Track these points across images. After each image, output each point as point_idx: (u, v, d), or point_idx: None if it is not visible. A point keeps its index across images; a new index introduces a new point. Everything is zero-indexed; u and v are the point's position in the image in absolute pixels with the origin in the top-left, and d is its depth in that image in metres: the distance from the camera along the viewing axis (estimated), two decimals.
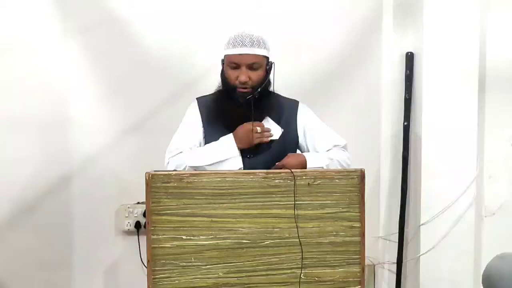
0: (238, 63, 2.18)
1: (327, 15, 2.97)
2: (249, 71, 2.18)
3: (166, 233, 1.91)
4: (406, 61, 2.97)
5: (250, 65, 2.18)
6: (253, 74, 2.18)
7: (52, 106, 2.78)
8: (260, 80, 2.20)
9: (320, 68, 2.95)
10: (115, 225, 2.88)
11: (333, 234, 1.98)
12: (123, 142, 2.85)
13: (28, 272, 2.80)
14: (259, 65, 2.20)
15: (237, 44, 2.18)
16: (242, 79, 2.17)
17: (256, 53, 2.18)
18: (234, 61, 2.19)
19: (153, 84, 2.85)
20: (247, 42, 2.17)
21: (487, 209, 2.94)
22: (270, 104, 2.25)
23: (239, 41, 2.18)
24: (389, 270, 3.08)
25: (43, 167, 2.79)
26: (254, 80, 2.18)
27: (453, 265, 2.82)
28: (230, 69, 2.21)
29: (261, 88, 2.19)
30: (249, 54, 2.18)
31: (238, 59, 2.18)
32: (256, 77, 2.19)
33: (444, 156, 2.85)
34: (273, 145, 2.22)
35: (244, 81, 2.17)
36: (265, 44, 2.22)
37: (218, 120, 2.23)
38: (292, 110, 2.31)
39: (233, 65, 2.20)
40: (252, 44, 2.18)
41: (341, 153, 2.27)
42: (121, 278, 2.88)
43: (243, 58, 2.18)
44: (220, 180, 1.93)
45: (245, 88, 2.18)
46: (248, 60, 2.18)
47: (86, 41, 2.81)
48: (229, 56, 2.20)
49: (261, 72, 2.21)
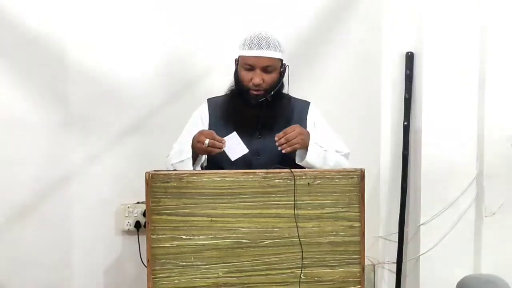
0: (253, 65, 2.17)
1: (327, 15, 2.97)
2: (264, 73, 2.17)
3: (166, 233, 1.91)
4: (406, 61, 2.97)
5: (265, 67, 2.17)
6: (267, 76, 2.17)
7: (52, 106, 2.79)
8: (274, 83, 2.19)
9: (318, 69, 2.95)
10: (115, 225, 2.88)
11: (333, 234, 1.98)
12: (123, 142, 2.85)
13: (28, 272, 2.80)
14: (274, 68, 2.19)
15: (254, 46, 2.16)
16: (256, 82, 2.16)
17: (272, 56, 2.18)
18: (249, 62, 2.18)
19: (153, 84, 2.86)
20: (263, 44, 2.16)
21: (487, 209, 2.93)
22: (281, 106, 2.23)
23: (256, 43, 2.16)
24: (389, 270, 3.08)
25: (43, 167, 2.79)
26: (268, 82, 2.18)
27: (453, 265, 2.82)
28: (244, 70, 2.20)
29: (274, 91, 2.18)
30: (265, 57, 2.16)
31: (254, 61, 2.17)
32: (270, 79, 2.18)
33: (444, 156, 2.85)
34: None
35: (258, 83, 2.16)
36: (281, 47, 2.21)
37: (229, 121, 2.21)
38: (303, 111, 2.30)
39: (248, 67, 2.18)
40: (269, 47, 2.17)
41: (343, 161, 2.23)
42: (121, 277, 2.88)
43: (258, 61, 2.16)
44: (220, 180, 1.93)
45: (258, 91, 2.17)
46: (264, 63, 2.17)
47: (87, 40, 2.81)
48: (245, 57, 2.19)
49: (275, 75, 2.20)
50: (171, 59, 2.86)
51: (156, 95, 2.85)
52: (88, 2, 2.80)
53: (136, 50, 2.84)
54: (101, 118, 2.83)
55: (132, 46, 2.84)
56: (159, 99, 2.85)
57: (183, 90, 2.82)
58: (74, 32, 2.79)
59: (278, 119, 2.21)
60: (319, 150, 2.15)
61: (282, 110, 2.23)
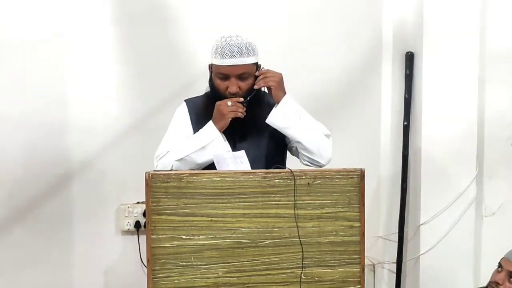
0: (228, 74, 2.11)
1: (327, 16, 2.97)
2: (239, 81, 2.11)
3: (166, 233, 1.90)
4: (406, 61, 2.97)
5: (240, 75, 2.11)
6: (243, 84, 2.12)
7: (52, 106, 2.79)
8: (250, 89, 2.14)
9: (318, 68, 2.95)
10: (115, 225, 2.88)
11: (333, 234, 1.97)
12: (123, 142, 2.85)
13: (28, 272, 2.80)
14: (249, 74, 2.13)
15: (226, 54, 2.08)
16: (232, 91, 2.10)
17: (246, 62, 2.10)
18: (223, 72, 2.11)
19: (153, 84, 2.86)
20: (235, 52, 2.07)
21: (487, 209, 2.94)
22: (259, 105, 2.18)
23: (228, 51, 2.07)
24: (389, 270, 3.08)
25: (43, 167, 2.79)
26: (244, 89, 2.12)
27: (453, 265, 2.83)
28: (218, 79, 2.14)
29: (250, 97, 2.13)
30: (239, 65, 2.09)
31: (227, 70, 2.10)
32: (246, 86, 2.12)
33: (444, 155, 2.85)
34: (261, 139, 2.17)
35: (235, 92, 2.10)
36: (254, 50, 2.13)
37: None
38: None
39: (222, 76, 2.12)
40: (241, 54, 2.09)
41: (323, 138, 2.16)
42: (121, 277, 2.88)
43: (232, 70, 2.09)
44: (219, 179, 1.93)
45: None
46: (238, 71, 2.10)
47: (85, 42, 2.81)
48: (218, 66, 2.12)
49: (251, 81, 2.14)
50: (171, 59, 2.86)
51: (156, 95, 2.85)
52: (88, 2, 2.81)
53: (136, 49, 2.84)
54: (101, 118, 2.83)
55: (132, 46, 2.84)
56: (159, 99, 2.85)
57: (183, 90, 2.82)
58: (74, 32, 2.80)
59: (257, 122, 2.17)
60: (296, 106, 2.14)
61: (259, 113, 2.16)
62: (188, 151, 2.10)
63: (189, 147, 2.11)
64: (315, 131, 2.15)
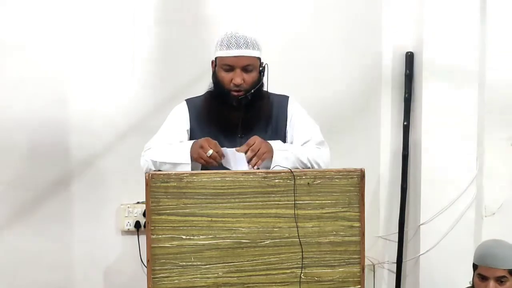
0: (233, 65, 2.12)
1: (327, 16, 2.97)
2: (244, 73, 2.13)
3: (166, 233, 1.91)
4: (406, 61, 2.97)
5: (245, 67, 2.13)
6: (248, 76, 2.14)
7: (52, 106, 2.79)
8: (254, 82, 2.15)
9: (319, 69, 2.95)
10: (115, 225, 2.88)
11: (332, 234, 1.97)
12: (123, 142, 2.85)
13: (28, 272, 2.80)
14: (254, 66, 2.15)
15: (232, 45, 2.11)
16: (237, 82, 2.12)
17: (251, 55, 2.13)
18: (229, 63, 2.13)
19: (152, 84, 2.86)
20: (242, 43, 2.11)
21: (487, 209, 2.94)
22: (261, 104, 2.19)
23: (234, 42, 2.11)
24: (389, 270, 3.08)
25: (43, 167, 2.79)
26: (248, 82, 2.14)
27: (453, 265, 2.82)
28: (223, 71, 2.15)
29: (254, 90, 2.14)
30: (244, 56, 2.12)
31: (233, 61, 2.12)
32: (250, 79, 2.14)
33: (444, 156, 2.85)
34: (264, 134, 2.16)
35: (239, 83, 2.12)
36: (259, 45, 2.17)
37: (210, 123, 2.18)
38: (282, 106, 2.26)
39: (227, 67, 2.14)
40: (247, 46, 2.12)
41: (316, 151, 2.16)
42: (121, 278, 2.88)
43: (238, 60, 2.12)
44: (219, 179, 1.93)
45: (239, 91, 2.13)
46: (243, 62, 2.12)
47: (86, 41, 2.81)
48: (223, 58, 2.14)
49: (255, 74, 2.16)
50: (170, 59, 2.86)
51: (155, 95, 2.85)
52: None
53: (136, 50, 2.84)
54: (101, 118, 2.83)
55: (132, 45, 2.84)
56: (159, 99, 2.85)
57: (183, 90, 2.82)
58: (74, 32, 2.80)
59: (259, 117, 2.19)
60: (285, 154, 2.08)
61: (262, 108, 2.19)
62: (163, 159, 2.08)
63: (165, 156, 2.08)
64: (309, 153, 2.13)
